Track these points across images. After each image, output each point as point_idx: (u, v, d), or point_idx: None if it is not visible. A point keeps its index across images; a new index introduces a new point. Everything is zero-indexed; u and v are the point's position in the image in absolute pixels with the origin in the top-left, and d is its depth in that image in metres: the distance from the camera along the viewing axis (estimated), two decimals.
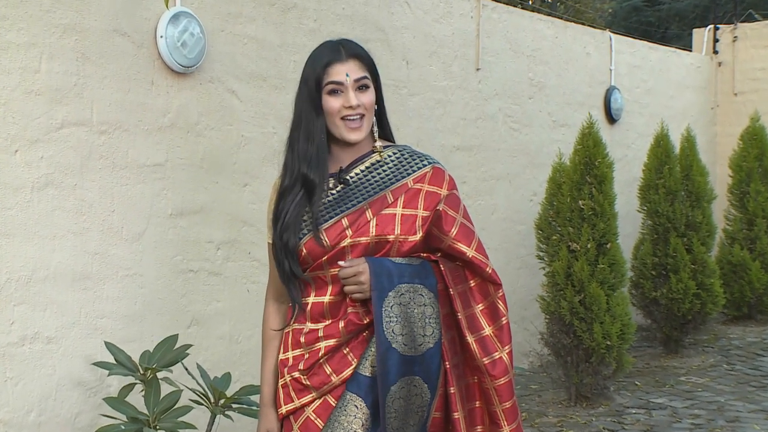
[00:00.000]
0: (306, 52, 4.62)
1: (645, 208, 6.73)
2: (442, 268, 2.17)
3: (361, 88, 2.20)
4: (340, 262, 2.14)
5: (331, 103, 2.18)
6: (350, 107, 2.17)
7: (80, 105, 3.55)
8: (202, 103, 4.06)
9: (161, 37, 3.81)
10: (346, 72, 2.17)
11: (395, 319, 2.10)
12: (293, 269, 2.18)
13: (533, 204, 6.44)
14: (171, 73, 3.90)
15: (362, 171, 2.23)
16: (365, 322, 2.15)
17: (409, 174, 2.23)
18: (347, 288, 2.14)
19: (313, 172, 2.18)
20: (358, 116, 2.18)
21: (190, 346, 3.31)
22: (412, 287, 2.14)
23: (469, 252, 2.18)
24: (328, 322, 2.19)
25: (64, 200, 3.50)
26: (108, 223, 3.67)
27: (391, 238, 2.14)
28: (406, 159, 2.26)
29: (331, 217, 2.17)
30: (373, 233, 2.14)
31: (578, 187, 5.32)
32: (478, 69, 6.02)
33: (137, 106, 3.77)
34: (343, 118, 2.18)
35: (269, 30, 4.40)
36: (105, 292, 3.66)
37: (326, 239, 2.15)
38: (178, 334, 3.34)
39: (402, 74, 5.36)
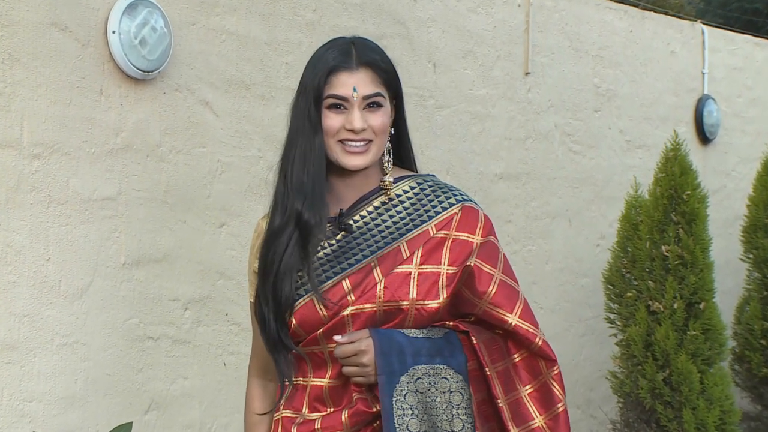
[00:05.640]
0: (301, 52, 4.71)
1: (751, 255, 6.69)
2: (474, 342, 2.16)
3: (372, 106, 2.19)
4: (336, 337, 2.13)
5: (330, 120, 2.18)
6: (352, 130, 2.17)
7: (7, 121, 3.59)
8: (167, 118, 4.10)
9: (113, 32, 3.85)
10: (353, 85, 2.17)
11: (410, 412, 2.10)
12: (281, 335, 2.18)
13: (601, 250, 6.43)
14: (126, 80, 3.94)
15: (369, 213, 2.23)
16: (375, 410, 2.14)
17: (430, 218, 2.22)
18: (346, 369, 2.14)
19: (309, 209, 2.17)
20: (362, 142, 2.18)
21: None
22: (433, 368, 2.13)
23: (512, 320, 2.18)
24: (328, 411, 2.19)
25: None
26: (41, 274, 3.69)
27: (404, 304, 2.14)
28: (427, 196, 2.26)
29: (329, 278, 2.17)
30: (381, 298, 2.13)
31: (661, 228, 5.31)
32: (527, 73, 6.06)
33: (81, 123, 3.80)
34: (341, 141, 2.19)
35: (254, 23, 4.45)
36: (36, 366, 3.67)
37: (323, 308, 2.15)
38: (132, 422, 3.34)
39: (428, 80, 5.40)
